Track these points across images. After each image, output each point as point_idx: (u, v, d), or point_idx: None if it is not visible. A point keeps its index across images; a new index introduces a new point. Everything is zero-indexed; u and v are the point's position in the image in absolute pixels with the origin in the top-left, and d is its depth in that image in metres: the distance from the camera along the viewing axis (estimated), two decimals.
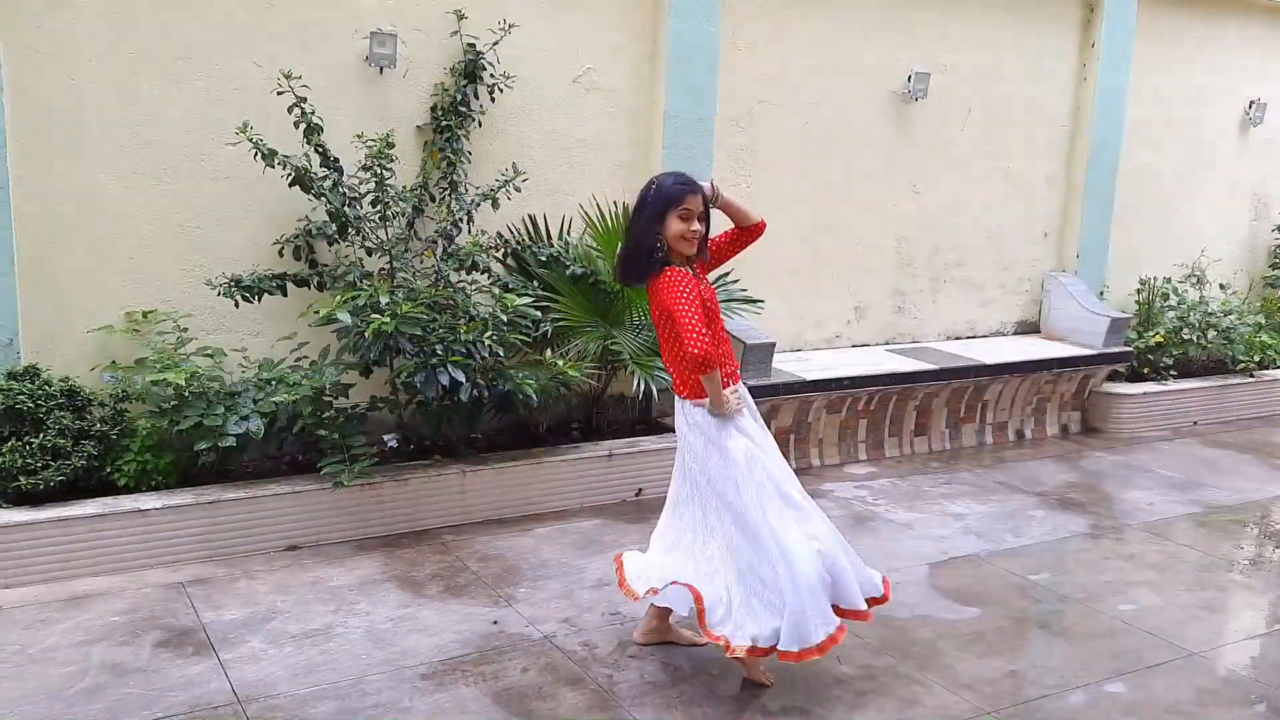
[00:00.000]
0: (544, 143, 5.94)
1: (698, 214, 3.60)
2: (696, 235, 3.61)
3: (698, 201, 3.60)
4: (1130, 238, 8.30)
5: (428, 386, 4.85)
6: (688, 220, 3.59)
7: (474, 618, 4.23)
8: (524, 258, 5.76)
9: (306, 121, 5.00)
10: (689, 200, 3.58)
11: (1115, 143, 7.94)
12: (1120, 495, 6.18)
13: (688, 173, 3.73)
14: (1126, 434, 7.53)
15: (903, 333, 7.48)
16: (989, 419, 7.22)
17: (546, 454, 5.52)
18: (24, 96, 4.70)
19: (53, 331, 4.89)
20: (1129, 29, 7.80)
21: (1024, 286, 7.98)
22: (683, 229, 3.59)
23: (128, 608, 4.21)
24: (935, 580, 4.80)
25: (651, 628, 4.01)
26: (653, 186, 3.64)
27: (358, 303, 4.76)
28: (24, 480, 4.41)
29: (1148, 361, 7.88)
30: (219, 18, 5.04)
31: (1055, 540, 5.40)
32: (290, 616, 4.18)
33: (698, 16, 6.12)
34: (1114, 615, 4.49)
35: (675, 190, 3.59)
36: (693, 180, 3.64)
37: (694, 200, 3.59)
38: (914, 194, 7.32)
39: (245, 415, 4.73)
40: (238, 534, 4.73)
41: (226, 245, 5.19)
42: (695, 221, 3.60)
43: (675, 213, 3.58)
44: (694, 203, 3.59)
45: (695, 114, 6.19)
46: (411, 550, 4.90)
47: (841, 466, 6.55)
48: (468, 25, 5.53)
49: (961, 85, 7.34)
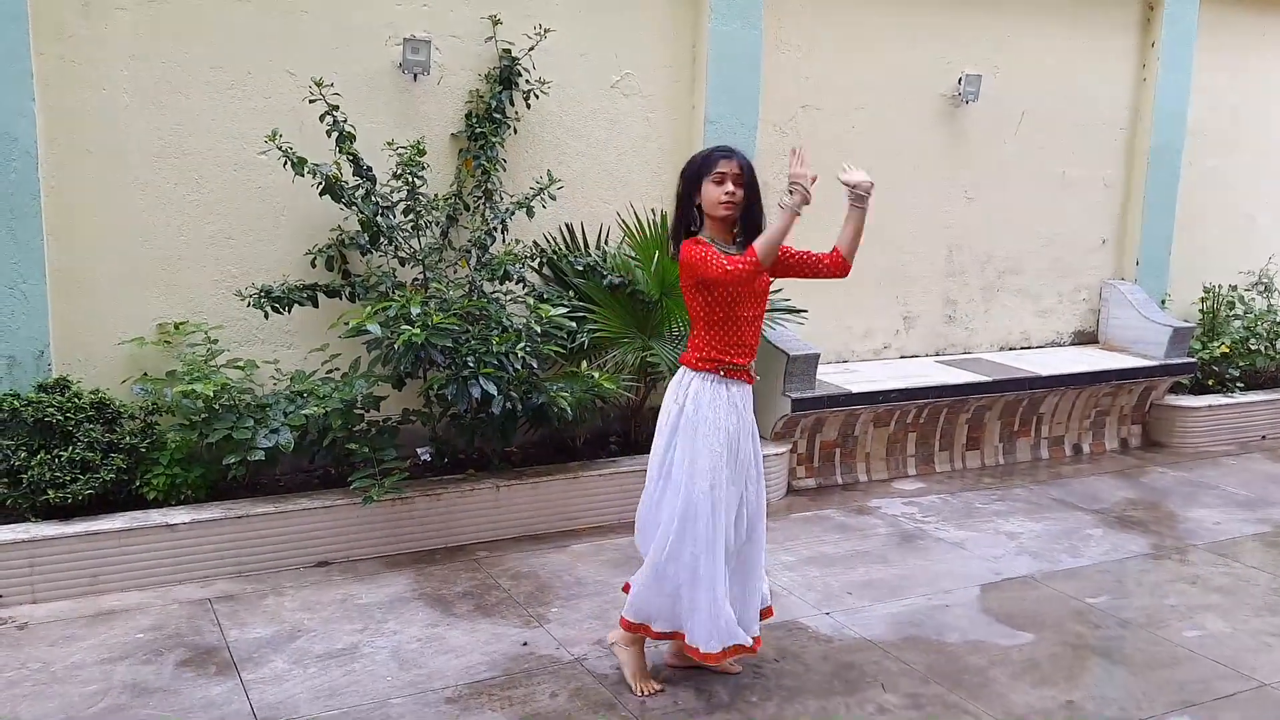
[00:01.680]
0: (581, 150, 5.82)
1: (732, 177, 3.50)
2: (732, 199, 3.50)
3: (732, 165, 3.51)
4: (1193, 244, 7.99)
5: (459, 399, 4.74)
6: (721, 183, 3.50)
7: (504, 638, 4.10)
8: (560, 267, 5.64)
9: (338, 130, 4.92)
10: (722, 164, 3.51)
11: (1176, 145, 7.65)
12: (1184, 513, 5.89)
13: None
14: (1190, 449, 7.22)
15: (953, 343, 7.25)
16: (1044, 433, 6.96)
17: (583, 468, 5.38)
18: (56, 106, 4.67)
19: (84, 343, 4.85)
20: (1190, 27, 7.51)
21: (1081, 295, 7.70)
22: (717, 193, 3.50)
23: (153, 624, 4.13)
24: (987, 603, 4.59)
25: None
26: (691, 158, 3.64)
27: (388, 314, 4.67)
28: (53, 494, 4.35)
29: (1212, 373, 7.56)
30: (251, 26, 4.98)
31: (1115, 561, 5.14)
32: (316, 635, 4.07)
33: (739, 18, 5.97)
34: (1178, 642, 4.24)
35: (708, 155, 3.56)
36: (732, 148, 3.59)
37: (728, 164, 3.51)
38: (965, 200, 7.10)
39: (275, 428, 4.65)
40: (267, 549, 4.65)
41: (259, 256, 5.13)
42: (729, 184, 3.50)
43: (709, 177, 3.52)
44: (728, 166, 3.50)
45: (736, 119, 6.03)
46: (443, 567, 4.78)
47: (889, 482, 6.33)
48: (503, 30, 5.43)
49: (1014, 87, 7.10)
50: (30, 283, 4.60)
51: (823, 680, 3.84)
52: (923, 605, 4.54)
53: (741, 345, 3.59)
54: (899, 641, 4.18)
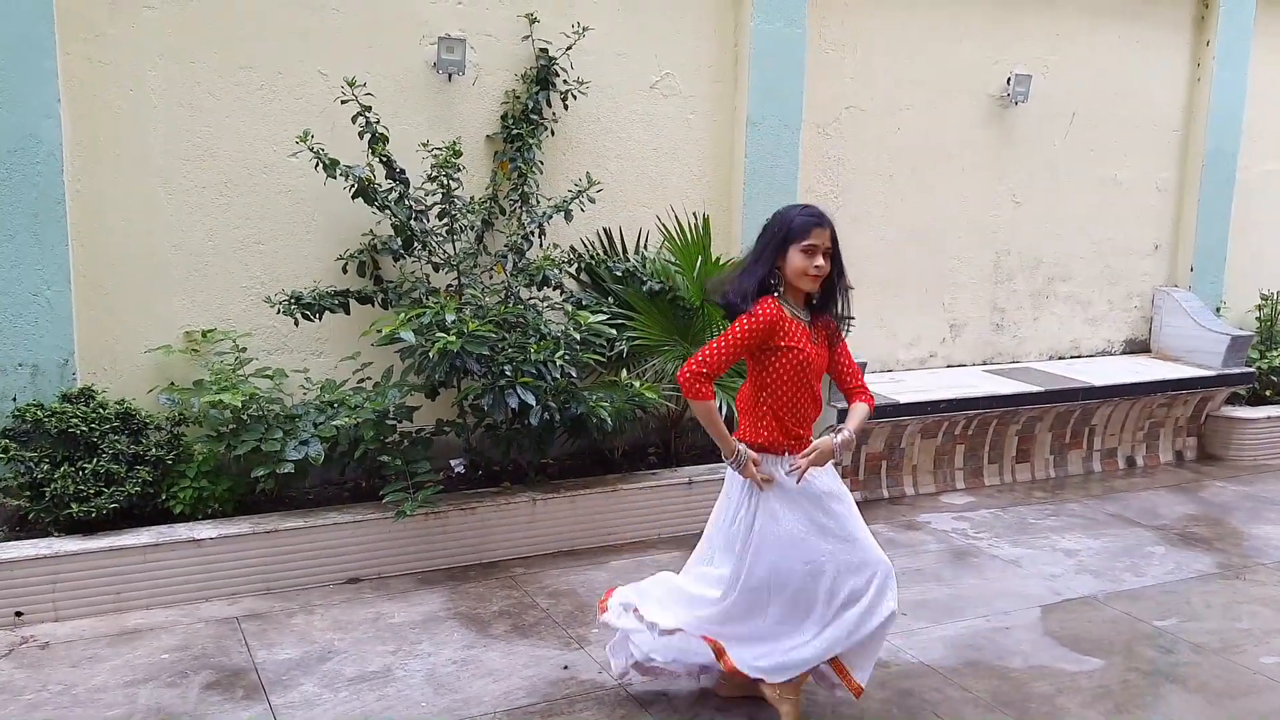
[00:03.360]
0: (619, 152, 5.64)
1: (823, 250, 3.29)
2: (820, 273, 3.30)
3: (825, 237, 3.29)
4: (1249, 250, 7.72)
5: (495, 409, 4.56)
6: (811, 255, 3.28)
7: (543, 661, 3.90)
8: (598, 273, 5.46)
9: (371, 131, 4.76)
10: (815, 234, 3.28)
11: (1232, 148, 7.38)
12: (1249, 530, 5.63)
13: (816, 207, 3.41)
14: (1249, 462, 6.94)
15: (1001, 352, 7.01)
16: (1097, 445, 6.71)
17: (622, 481, 5.19)
18: (83, 108, 4.54)
19: (110, 351, 4.71)
20: (1246, 25, 7.25)
21: (1133, 302, 7.44)
22: (805, 265, 3.28)
23: (179, 644, 3.96)
24: (1049, 625, 4.35)
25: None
26: (777, 216, 3.37)
27: (422, 321, 4.50)
28: (76, 508, 4.20)
29: (1270, 383, 7.28)
30: (282, 26, 4.84)
31: (1180, 580, 4.89)
32: (347, 657, 3.89)
33: (782, 17, 5.77)
34: (1256, 669, 3.99)
35: (800, 221, 3.30)
36: (823, 214, 3.34)
37: (820, 234, 3.28)
38: (1014, 204, 6.86)
39: (305, 440, 4.49)
40: (296, 565, 4.48)
41: (289, 261, 4.98)
42: (819, 258, 3.29)
43: (798, 245, 3.28)
44: (820, 237, 3.28)
45: (779, 120, 5.84)
46: (478, 584, 4.60)
47: (938, 496, 6.10)
48: (539, 29, 5.27)
49: (1065, 88, 6.87)
50: (54, 289, 4.46)
51: (881, 709, 3.62)
52: (982, 627, 4.31)
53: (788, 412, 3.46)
54: (959, 666, 3.95)
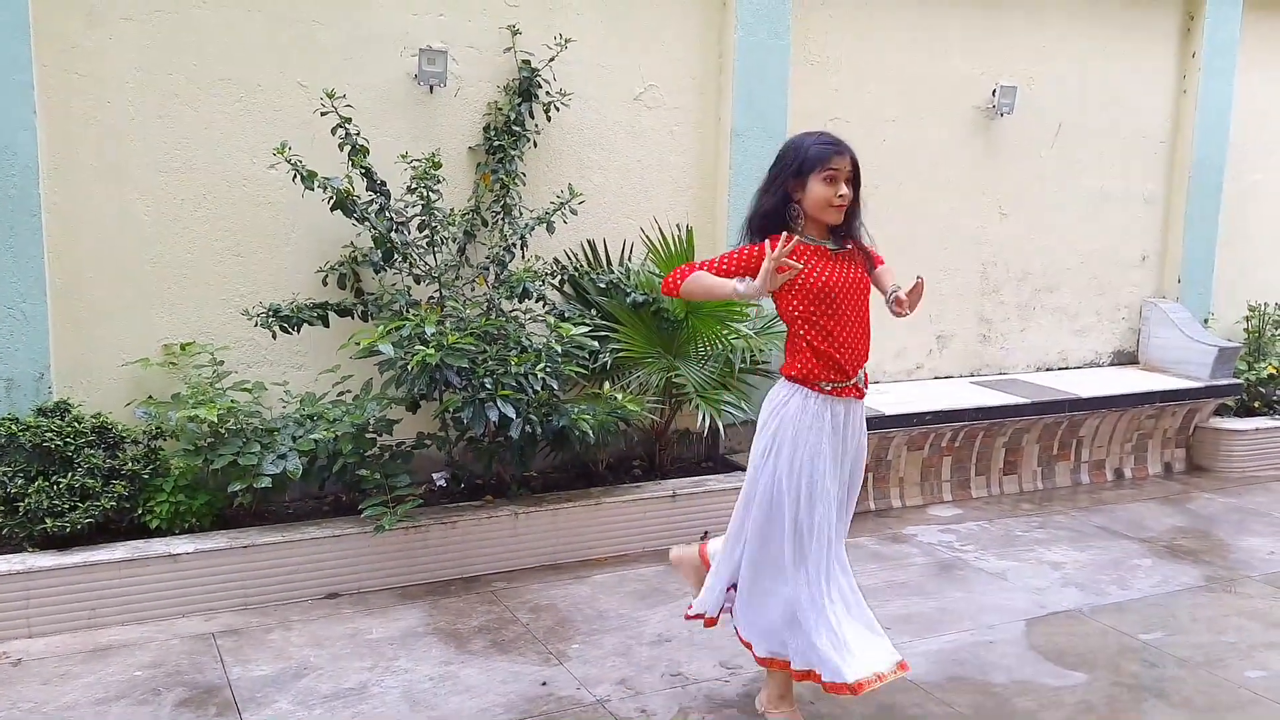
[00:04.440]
0: (603, 163, 5.62)
1: (845, 177, 3.15)
2: (845, 201, 3.16)
3: (845, 162, 3.14)
4: (1237, 261, 7.71)
5: (475, 422, 4.53)
6: (833, 184, 3.13)
7: (522, 677, 3.86)
8: (582, 284, 5.43)
9: (351, 143, 4.73)
10: (835, 160, 3.13)
11: (1219, 159, 7.38)
12: (1236, 542, 5.60)
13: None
14: (1237, 474, 6.92)
15: (989, 364, 6.99)
16: (1085, 457, 6.68)
17: (605, 494, 5.15)
18: (58, 119, 4.51)
19: (86, 365, 4.67)
20: (1232, 37, 7.25)
21: (1120, 314, 7.43)
22: (828, 194, 3.13)
23: (152, 661, 3.91)
24: (1033, 639, 4.32)
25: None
26: (790, 144, 3.23)
27: (402, 333, 4.46)
28: (50, 523, 4.15)
29: (1259, 395, 7.26)
30: (261, 37, 4.81)
31: (1166, 594, 4.86)
32: (323, 674, 3.84)
33: (766, 29, 5.76)
34: (1241, 683, 3.96)
35: (817, 149, 3.14)
36: (838, 140, 3.19)
37: (841, 160, 3.13)
38: (1000, 216, 6.85)
39: (283, 454, 4.45)
40: (274, 581, 4.43)
41: (268, 273, 4.94)
42: (843, 185, 3.14)
43: (818, 174, 3.13)
44: (841, 163, 3.13)
45: (764, 131, 5.82)
46: (458, 599, 4.56)
47: (924, 508, 6.07)
48: (522, 41, 5.25)
49: (1050, 99, 6.87)
50: (30, 302, 4.42)
51: None
52: (966, 641, 4.27)
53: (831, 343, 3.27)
54: (942, 681, 3.92)
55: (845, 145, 3.17)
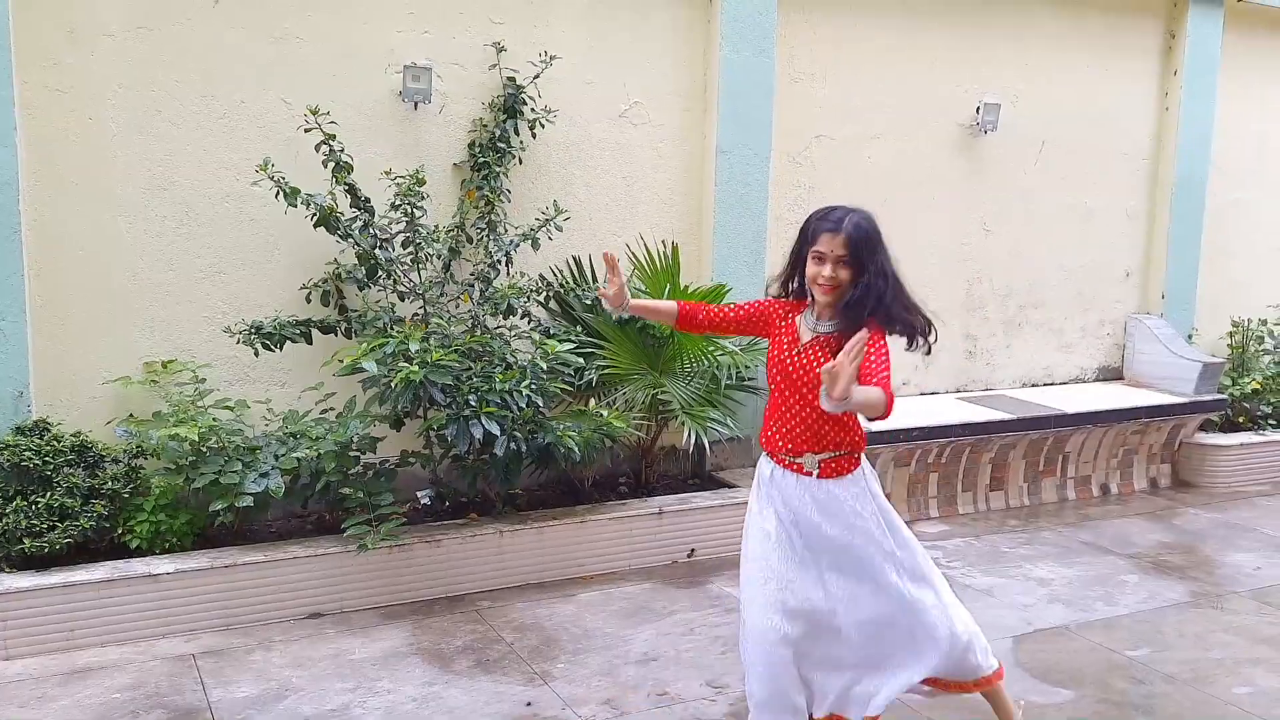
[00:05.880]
0: (588, 180, 5.62)
1: (831, 259, 3.11)
2: (827, 283, 3.13)
3: (835, 243, 3.11)
4: (1220, 277, 7.75)
5: (460, 439, 4.50)
6: (820, 263, 3.14)
7: (506, 698, 3.82)
8: (567, 301, 5.42)
9: (335, 159, 4.72)
10: (823, 240, 3.13)
11: (1201, 176, 7.42)
12: (1222, 558, 5.61)
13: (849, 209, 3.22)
14: (1222, 489, 6.93)
15: (974, 379, 6.99)
16: (1071, 472, 6.68)
17: (591, 512, 5.12)
18: (39, 137, 4.48)
19: (67, 383, 4.63)
20: (1213, 55, 7.31)
21: (1105, 330, 7.45)
22: (813, 273, 3.16)
23: (131, 683, 3.86)
24: (1021, 656, 4.30)
25: None
26: (808, 218, 3.25)
27: (386, 350, 4.44)
28: (29, 543, 4.11)
29: (1243, 410, 7.28)
30: (244, 54, 4.80)
31: (1153, 610, 4.86)
32: (305, 695, 3.80)
33: (751, 46, 5.78)
34: (1228, 699, 3.95)
35: (814, 226, 3.17)
36: (841, 220, 3.14)
37: (830, 241, 3.11)
38: (985, 232, 6.87)
39: (265, 472, 4.41)
40: (256, 601, 4.39)
41: (251, 291, 4.91)
42: (827, 266, 3.12)
43: (810, 250, 3.17)
44: (829, 244, 3.11)
45: (749, 149, 5.83)
46: (442, 618, 4.52)
47: (911, 525, 6.00)
48: (507, 58, 5.25)
49: (1034, 117, 6.90)
50: (9, 320, 4.38)
51: None
52: None
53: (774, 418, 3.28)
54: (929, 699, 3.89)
55: (845, 225, 3.12)
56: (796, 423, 3.21)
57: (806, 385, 3.16)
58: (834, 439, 3.20)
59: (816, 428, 3.20)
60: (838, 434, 3.21)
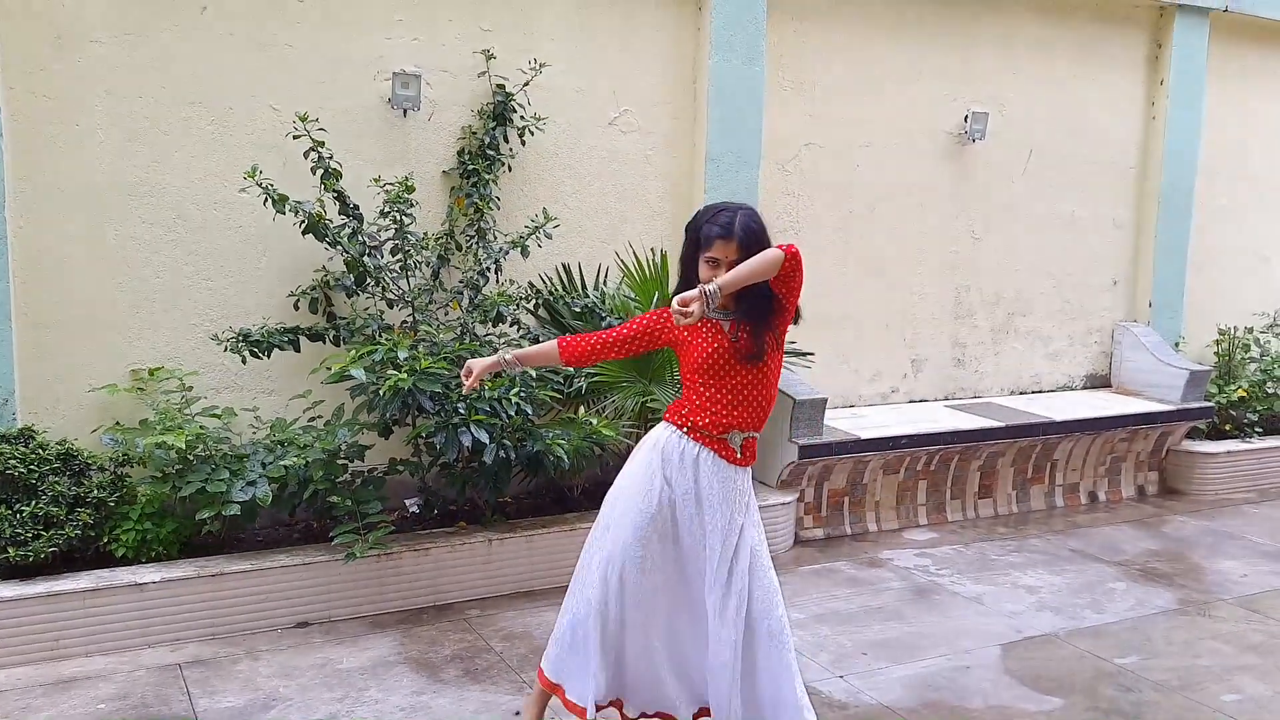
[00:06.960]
0: (578, 188, 5.61)
1: (726, 264, 3.07)
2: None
3: (727, 250, 3.07)
4: (1206, 285, 7.79)
5: (448, 447, 4.49)
6: (714, 268, 3.09)
7: (494, 707, 3.81)
8: (556, 309, 5.41)
9: (324, 166, 4.70)
10: (717, 247, 3.08)
11: (1188, 184, 7.46)
12: (1209, 565, 5.62)
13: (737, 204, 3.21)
14: (1209, 496, 6.95)
15: (963, 387, 7.01)
16: (1059, 480, 6.69)
17: (580, 520, 5.10)
18: (26, 143, 4.46)
19: (52, 391, 4.60)
20: (1199, 65, 7.35)
21: (1093, 337, 7.48)
22: (707, 276, 3.10)
23: (116, 693, 3.83)
24: (1009, 663, 4.30)
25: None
26: (694, 217, 3.22)
27: (374, 358, 4.43)
28: (13, 552, 4.07)
29: (1230, 417, 7.31)
30: (233, 60, 4.78)
31: (1141, 617, 4.86)
32: (292, 705, 3.78)
33: (741, 55, 5.79)
34: (1217, 707, 3.96)
35: (705, 230, 3.12)
36: (731, 225, 3.08)
37: (724, 248, 3.07)
38: (973, 240, 6.89)
39: (252, 480, 4.39)
40: (242, 610, 4.36)
41: (239, 298, 4.89)
42: (723, 270, 3.07)
43: (703, 256, 3.13)
44: (723, 250, 3.07)
45: (738, 157, 5.84)
46: (431, 627, 4.50)
47: (900, 532, 6.06)
48: (496, 65, 5.25)
49: (1022, 126, 6.93)
50: None
51: None
52: (942, 666, 4.26)
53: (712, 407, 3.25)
54: (918, 707, 3.89)
55: (735, 229, 3.07)
56: (750, 397, 3.22)
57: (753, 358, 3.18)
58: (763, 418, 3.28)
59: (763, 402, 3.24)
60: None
